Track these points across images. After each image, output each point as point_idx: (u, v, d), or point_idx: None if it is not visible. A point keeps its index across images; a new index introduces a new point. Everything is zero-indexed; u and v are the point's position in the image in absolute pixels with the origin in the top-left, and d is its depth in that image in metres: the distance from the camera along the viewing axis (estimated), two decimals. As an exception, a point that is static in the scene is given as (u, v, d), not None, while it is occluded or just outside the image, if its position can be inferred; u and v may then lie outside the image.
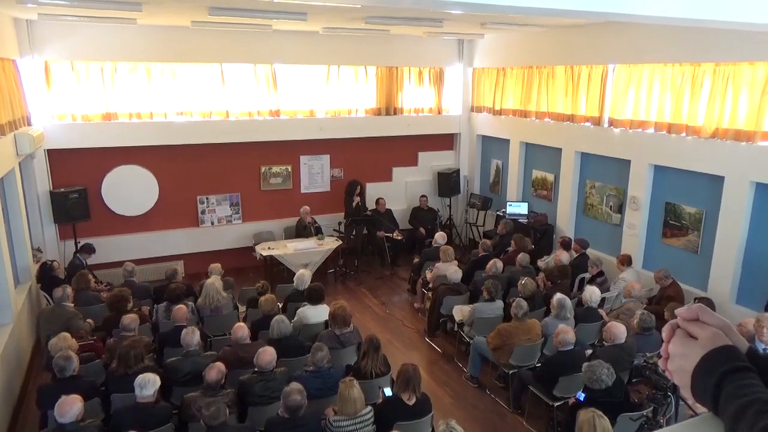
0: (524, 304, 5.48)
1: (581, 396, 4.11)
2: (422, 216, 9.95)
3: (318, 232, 9.01)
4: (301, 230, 8.98)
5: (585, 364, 4.20)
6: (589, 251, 7.47)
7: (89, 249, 7.43)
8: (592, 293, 5.80)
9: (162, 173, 8.57)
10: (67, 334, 4.74)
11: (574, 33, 7.94)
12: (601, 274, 6.79)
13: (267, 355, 4.34)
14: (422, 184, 10.48)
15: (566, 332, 4.88)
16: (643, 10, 3.19)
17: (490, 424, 5.23)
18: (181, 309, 5.36)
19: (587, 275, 7.10)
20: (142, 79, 8.16)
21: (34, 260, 6.94)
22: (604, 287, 6.50)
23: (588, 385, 4.09)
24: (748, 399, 0.70)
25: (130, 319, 5.07)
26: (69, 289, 5.84)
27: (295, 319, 5.56)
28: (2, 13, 6.44)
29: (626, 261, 6.82)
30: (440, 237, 7.95)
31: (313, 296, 5.73)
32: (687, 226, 6.71)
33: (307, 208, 9.04)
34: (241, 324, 5.09)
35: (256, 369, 4.35)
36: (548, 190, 8.94)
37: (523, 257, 7.01)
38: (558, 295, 5.63)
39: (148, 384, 3.90)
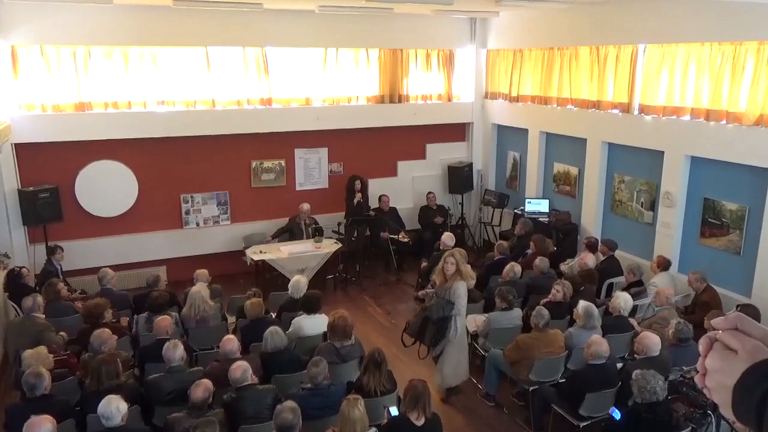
0: (545, 312, 5.47)
1: (615, 413, 4.08)
2: (431, 215, 9.95)
3: (317, 233, 9.03)
4: (295, 230, 8.99)
5: (637, 372, 4.16)
6: (619, 254, 7.45)
7: (54, 250, 7.44)
8: (624, 300, 5.78)
9: (142, 169, 8.59)
10: (43, 349, 4.76)
11: (600, 9, 7.90)
12: (639, 283, 6.73)
13: (238, 370, 4.38)
14: (431, 179, 10.46)
15: (599, 344, 4.86)
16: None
17: (508, 446, 5.22)
18: (164, 320, 5.37)
19: (617, 281, 7.06)
20: (119, 65, 8.18)
21: (0, 266, 6.96)
22: (639, 298, 6.46)
23: (635, 398, 4.04)
24: None
25: (104, 335, 4.96)
26: (40, 299, 5.85)
27: (290, 330, 5.56)
28: (-36, -7, 6.47)
29: (663, 264, 6.78)
30: (448, 238, 7.91)
31: (309, 304, 5.74)
32: (728, 225, 6.67)
33: (306, 205, 9.03)
34: (231, 336, 5.10)
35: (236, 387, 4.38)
36: (572, 185, 8.91)
37: (543, 261, 6.99)
38: (583, 303, 5.60)
39: (114, 414, 3.83)
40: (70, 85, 7.99)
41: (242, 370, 4.40)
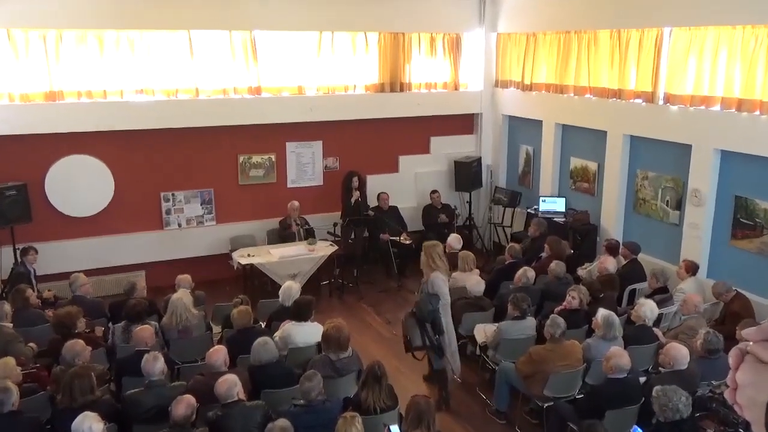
0: (561, 321, 5.47)
1: (638, 432, 4.09)
2: (435, 215, 9.95)
3: (308, 235, 9.03)
4: (284, 232, 9.00)
5: (657, 388, 4.16)
6: (642, 257, 7.45)
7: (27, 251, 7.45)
8: (648, 308, 5.78)
9: (118, 165, 8.58)
10: (10, 360, 4.75)
11: (620, -11, 7.91)
12: (664, 290, 6.73)
13: (224, 385, 4.38)
14: (435, 175, 10.47)
15: (620, 356, 4.86)
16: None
17: (520, 469, 5.22)
18: (143, 330, 5.36)
19: (640, 287, 7.06)
20: (94, 51, 8.17)
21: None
22: (665, 306, 6.46)
23: (658, 416, 4.04)
24: None
25: (77, 347, 4.93)
26: (7, 306, 5.85)
27: (277, 338, 5.55)
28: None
29: (691, 269, 6.77)
30: (455, 240, 7.93)
31: (299, 310, 5.73)
32: (762, 225, 6.67)
33: (296, 203, 9.04)
34: (218, 347, 5.11)
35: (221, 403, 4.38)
36: (590, 182, 8.92)
37: (559, 265, 6.99)
38: (603, 311, 5.60)
39: None
40: (40, 72, 7.98)
41: (229, 384, 4.39)
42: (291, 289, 6.24)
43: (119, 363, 5.32)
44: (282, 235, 9.04)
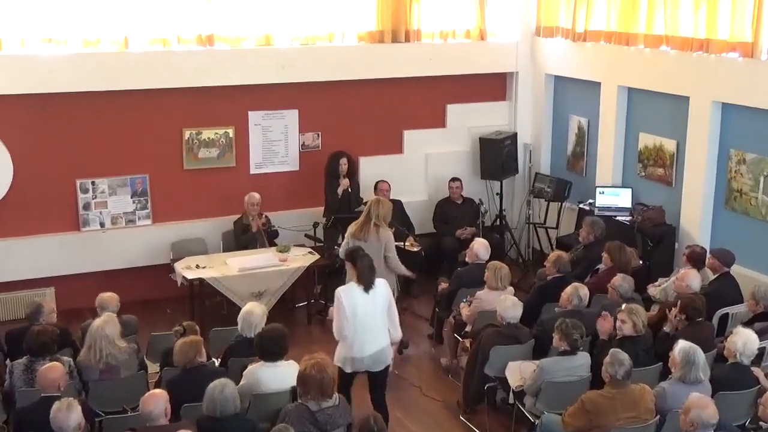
0: (626, 358, 5.47)
1: None
2: (454, 213, 9.94)
3: (272, 238, 9.02)
4: (244, 236, 9.00)
5: None
6: (737, 271, 7.44)
7: None
8: (744, 340, 5.76)
9: (18, 142, 8.58)
10: None
11: None
12: (766, 315, 6.74)
13: None
14: (454, 158, 10.47)
15: (704, 406, 4.85)
16: None
17: None
18: (52, 369, 5.34)
19: (734, 311, 7.05)
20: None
21: None
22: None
23: None
24: None
25: None
26: None
27: (242, 384, 5.56)
28: None
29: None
30: (482, 247, 7.92)
31: (270, 347, 5.73)
32: None
33: (256, 195, 9.02)
34: (155, 392, 5.09)
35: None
36: (666, 167, 8.92)
37: (626, 280, 6.99)
38: (683, 344, 5.61)
39: None
40: None
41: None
42: (253, 315, 6.21)
43: (19, 414, 5.29)
44: (242, 240, 9.03)
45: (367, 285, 6.15)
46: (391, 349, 6.39)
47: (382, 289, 6.28)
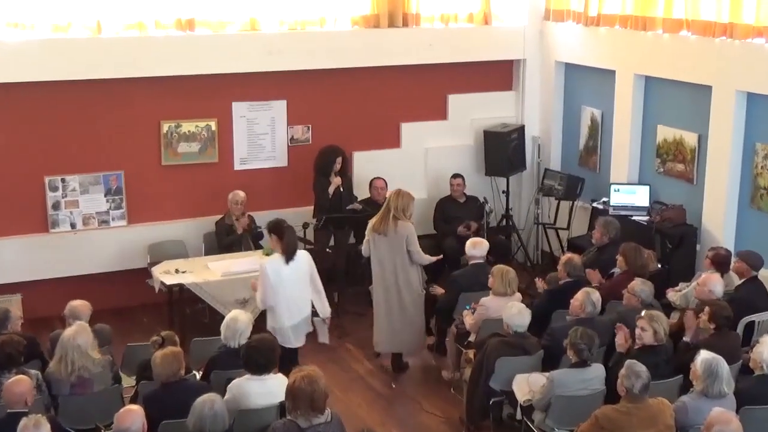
0: (643, 370, 5.48)
1: None
2: (456, 212, 9.97)
3: (258, 240, 9.05)
4: (227, 238, 9.02)
5: None
6: (765, 275, 7.47)
7: None
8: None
9: (-20, 136, 8.59)
10: None
11: None
12: None
13: None
14: (456, 153, 10.50)
15: (726, 422, 4.86)
16: None
17: None
18: (18, 382, 5.34)
19: (762, 318, 7.08)
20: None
21: None
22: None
23: None
24: None
25: None
26: None
27: (226, 398, 5.57)
28: None
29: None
30: (472, 246, 7.95)
31: (257, 358, 5.74)
32: None
33: (241, 194, 9.06)
34: (131, 408, 5.09)
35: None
36: (687, 162, 8.94)
37: (641, 286, 7.01)
38: (705, 354, 5.62)
39: None
40: None
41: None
42: (238, 322, 6.22)
43: (-17, 431, 5.32)
44: (225, 242, 9.06)
45: (289, 257, 6.98)
46: (322, 324, 7.44)
47: (303, 260, 7.18)
